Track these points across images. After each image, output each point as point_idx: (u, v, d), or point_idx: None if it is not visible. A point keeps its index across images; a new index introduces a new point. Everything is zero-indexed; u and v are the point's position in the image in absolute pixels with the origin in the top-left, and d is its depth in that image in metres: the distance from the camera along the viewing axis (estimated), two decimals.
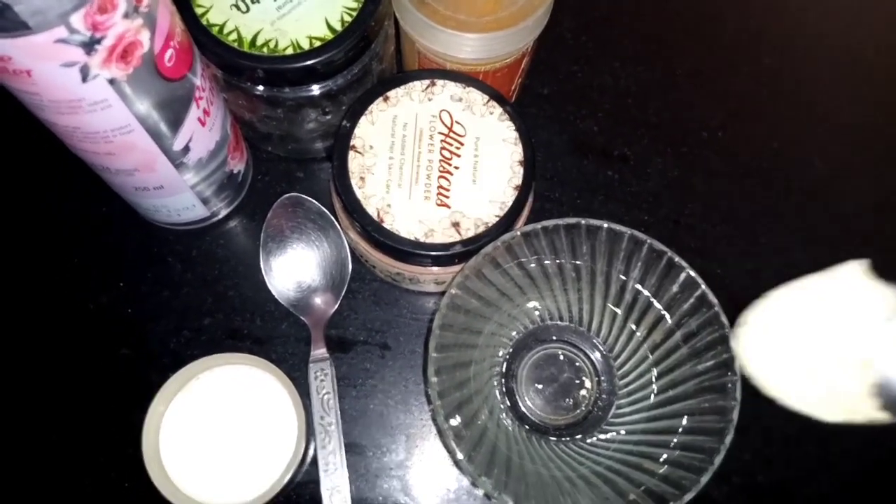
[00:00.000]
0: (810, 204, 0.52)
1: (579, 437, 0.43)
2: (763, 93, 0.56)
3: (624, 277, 0.42)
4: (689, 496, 0.36)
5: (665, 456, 0.39)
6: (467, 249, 0.40)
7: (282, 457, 0.41)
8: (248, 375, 0.42)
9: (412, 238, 0.40)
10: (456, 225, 0.41)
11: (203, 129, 0.41)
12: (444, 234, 0.41)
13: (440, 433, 0.37)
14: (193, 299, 0.47)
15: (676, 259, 0.39)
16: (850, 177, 0.53)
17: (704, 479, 0.36)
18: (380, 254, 0.42)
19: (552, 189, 0.51)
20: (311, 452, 0.44)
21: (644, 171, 0.53)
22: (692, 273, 0.39)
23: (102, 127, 0.35)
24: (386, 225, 0.40)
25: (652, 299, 0.41)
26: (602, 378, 0.45)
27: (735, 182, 0.53)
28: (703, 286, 0.39)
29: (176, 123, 0.38)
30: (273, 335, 0.46)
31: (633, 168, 0.53)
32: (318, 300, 0.47)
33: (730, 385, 0.38)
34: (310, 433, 0.42)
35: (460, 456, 0.36)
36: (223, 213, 0.49)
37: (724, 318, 0.39)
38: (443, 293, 0.39)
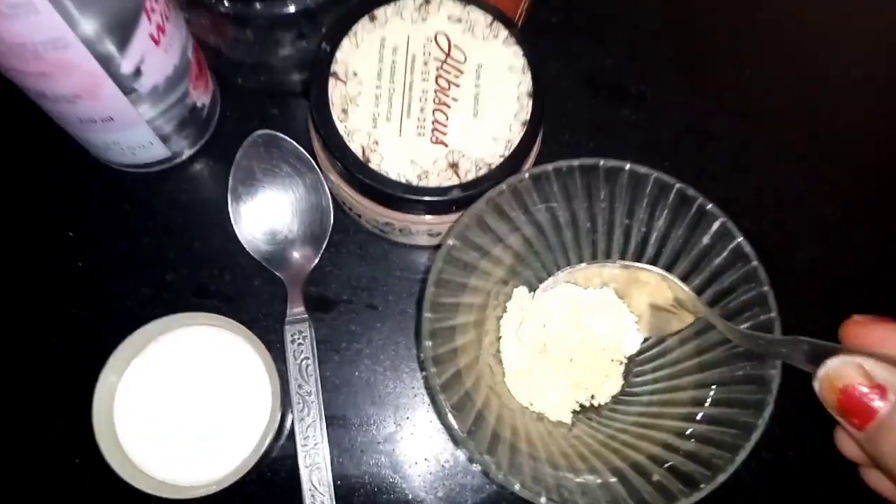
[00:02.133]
0: (842, 153, 0.48)
1: (591, 408, 0.39)
2: (791, 32, 0.51)
3: (646, 228, 0.37)
4: (722, 477, 0.32)
5: (691, 430, 0.34)
6: (467, 194, 0.35)
7: (253, 431, 0.37)
8: (215, 338, 0.38)
9: (403, 181, 0.35)
10: (454, 166, 0.36)
11: (157, 50, 0.35)
12: (440, 177, 0.36)
13: (435, 405, 0.33)
14: (154, 252, 0.43)
15: (709, 206, 0.35)
16: (882, 125, 0.49)
17: (740, 458, 0.32)
18: (365, 200, 0.37)
19: (560, 131, 0.46)
20: (287, 425, 0.40)
21: (663, 111, 0.48)
22: (728, 222, 0.35)
23: (29, 37, 0.29)
24: (372, 165, 0.35)
25: (679, 253, 0.37)
26: None
27: (762, 127, 0.48)
28: (740, 237, 0.35)
29: (123, 40, 0.33)
30: (244, 293, 0.42)
31: (651, 109, 0.48)
32: (295, 253, 0.42)
33: None
34: (286, 404, 0.39)
35: (459, 431, 0.32)
36: (187, 153, 0.44)
37: (762, 274, 0.34)
38: (438, 246, 0.35)
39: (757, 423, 0.32)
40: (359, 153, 0.35)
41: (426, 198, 0.35)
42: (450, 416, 0.32)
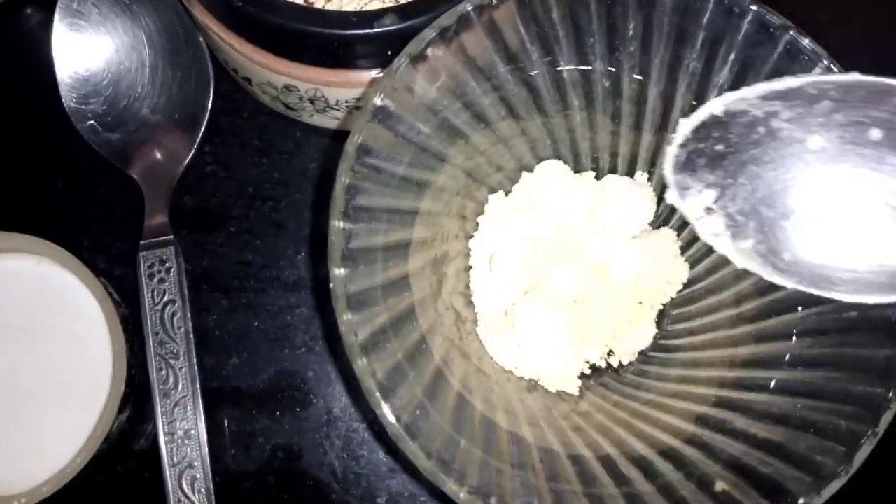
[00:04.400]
0: None
1: (608, 370, 0.28)
2: None
3: (698, 86, 0.25)
4: (832, 487, 0.21)
5: (772, 407, 0.23)
6: (409, 25, 0.23)
7: (88, 414, 0.27)
8: (31, 273, 0.29)
9: (300, 1, 0.22)
10: None
11: None
12: None
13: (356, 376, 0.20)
14: None
15: (806, 42, 0.23)
16: None
17: (861, 455, 0.21)
18: (243, 44, 0.25)
19: None
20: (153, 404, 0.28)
21: None
22: (834, 67, 0.22)
23: None
24: None
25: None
26: None
27: None
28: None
29: None
30: (84, 205, 0.32)
31: None
32: (157, 144, 0.30)
33: None
34: (138, 372, 0.28)
35: (391, 419, 0.20)
36: None
37: None
38: None
39: (888, 395, 0.21)
40: None
41: (339, 31, 0.22)
42: (377, 396, 0.19)
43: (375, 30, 0.22)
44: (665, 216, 0.28)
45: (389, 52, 0.24)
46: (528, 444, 0.23)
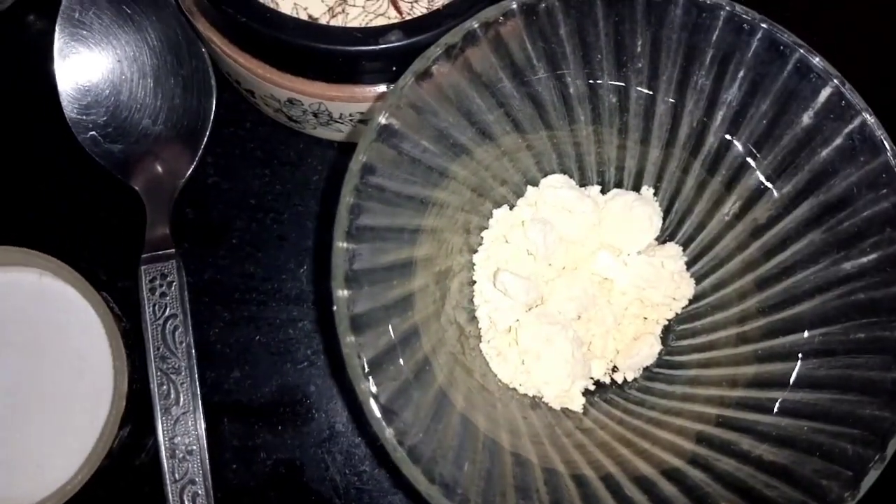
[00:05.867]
0: None
1: (612, 386, 0.27)
2: None
3: (708, 101, 0.25)
4: None
5: (777, 429, 0.23)
6: (415, 41, 0.23)
7: (86, 430, 0.26)
8: (31, 287, 0.28)
9: (303, 17, 0.22)
10: None
11: None
12: (367, 12, 0.22)
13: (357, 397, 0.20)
14: None
15: (816, 60, 0.22)
16: None
17: (868, 481, 0.21)
18: (248, 59, 0.24)
19: None
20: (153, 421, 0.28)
21: None
22: (846, 88, 0.22)
23: None
24: None
25: (761, 143, 0.24)
26: None
27: None
28: (866, 112, 0.22)
29: None
30: (85, 218, 0.31)
31: None
32: (158, 156, 0.30)
33: None
34: (139, 386, 0.28)
35: (394, 442, 0.19)
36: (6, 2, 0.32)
37: None
38: None
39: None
40: None
41: (345, 48, 0.22)
42: (380, 420, 0.19)
43: (380, 46, 0.22)
44: (671, 231, 0.28)
45: (394, 68, 0.23)
46: (532, 464, 0.23)
